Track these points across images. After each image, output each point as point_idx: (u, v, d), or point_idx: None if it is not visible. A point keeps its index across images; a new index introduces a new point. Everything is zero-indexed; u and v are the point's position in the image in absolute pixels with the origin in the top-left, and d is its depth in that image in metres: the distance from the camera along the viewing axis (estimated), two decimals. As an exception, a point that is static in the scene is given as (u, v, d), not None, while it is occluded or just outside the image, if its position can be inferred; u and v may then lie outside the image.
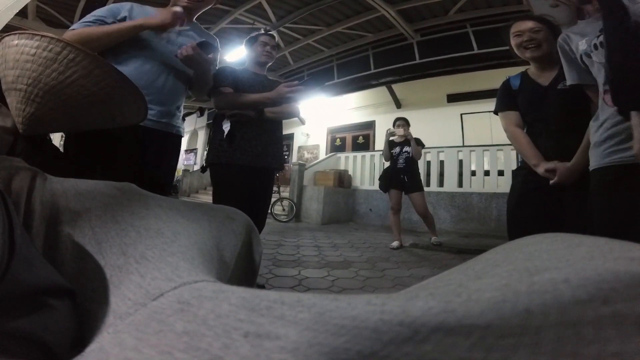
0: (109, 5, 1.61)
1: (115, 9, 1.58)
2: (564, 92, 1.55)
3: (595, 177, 1.28)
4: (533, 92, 1.68)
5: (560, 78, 1.55)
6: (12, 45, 0.91)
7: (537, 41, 1.63)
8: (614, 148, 1.21)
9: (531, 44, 1.64)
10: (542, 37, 1.62)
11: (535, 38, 1.63)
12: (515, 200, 1.72)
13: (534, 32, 1.64)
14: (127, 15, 1.56)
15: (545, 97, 1.63)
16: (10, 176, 0.57)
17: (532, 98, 1.68)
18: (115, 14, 1.55)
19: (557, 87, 1.60)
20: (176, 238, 0.55)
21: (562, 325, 0.24)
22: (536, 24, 1.65)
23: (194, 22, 1.79)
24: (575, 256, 0.35)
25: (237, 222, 0.85)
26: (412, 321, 0.25)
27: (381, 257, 3.69)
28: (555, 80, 1.62)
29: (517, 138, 1.70)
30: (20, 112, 0.91)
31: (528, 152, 1.62)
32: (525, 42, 1.65)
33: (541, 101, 1.64)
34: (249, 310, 0.32)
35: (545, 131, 1.63)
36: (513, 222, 1.72)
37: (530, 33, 1.64)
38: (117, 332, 0.37)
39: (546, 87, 1.64)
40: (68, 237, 0.52)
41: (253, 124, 2.02)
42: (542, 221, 1.59)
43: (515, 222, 1.71)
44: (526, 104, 1.70)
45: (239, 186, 1.97)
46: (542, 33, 1.63)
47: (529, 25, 1.66)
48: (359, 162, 8.11)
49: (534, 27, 1.64)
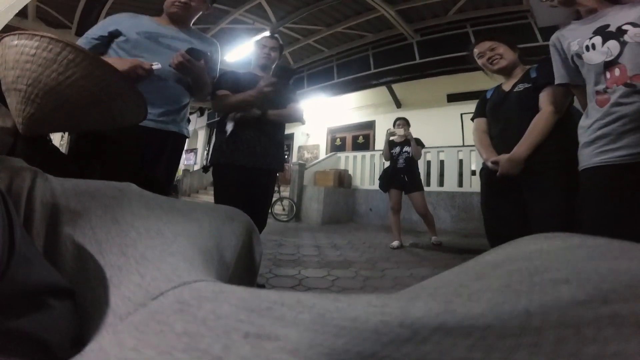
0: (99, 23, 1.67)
1: (106, 24, 1.64)
2: (518, 94, 1.72)
3: (584, 177, 1.31)
4: (496, 98, 1.85)
5: (518, 83, 1.75)
6: (12, 46, 0.91)
7: (497, 56, 1.81)
8: (603, 148, 1.22)
9: (493, 59, 1.82)
10: (502, 51, 1.81)
11: (495, 54, 1.82)
12: (483, 201, 1.90)
13: (492, 49, 1.83)
14: (119, 28, 1.60)
15: (505, 101, 1.79)
16: (11, 176, 0.57)
17: (494, 103, 1.85)
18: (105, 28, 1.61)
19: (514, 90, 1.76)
20: (176, 238, 0.55)
21: (562, 325, 0.24)
22: (492, 42, 1.84)
23: (191, 28, 1.82)
24: (574, 257, 0.35)
25: (238, 222, 0.85)
26: (412, 322, 0.25)
27: (381, 257, 3.69)
28: (514, 86, 1.77)
29: (478, 139, 1.90)
30: (20, 112, 0.91)
31: (483, 149, 1.82)
32: (489, 60, 1.83)
33: (500, 104, 1.81)
34: (249, 311, 0.32)
35: (500, 130, 1.78)
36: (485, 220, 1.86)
37: (489, 51, 1.83)
38: (117, 332, 0.37)
39: (507, 92, 1.79)
40: (68, 237, 0.52)
41: (255, 125, 2.03)
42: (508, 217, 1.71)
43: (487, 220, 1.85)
44: (489, 109, 1.88)
45: (240, 186, 1.98)
46: (500, 48, 1.82)
47: (487, 45, 1.84)
48: (359, 162, 8.10)
49: (491, 45, 1.84)
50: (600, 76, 1.23)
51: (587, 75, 1.30)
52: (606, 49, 1.21)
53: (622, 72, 1.17)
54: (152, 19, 1.72)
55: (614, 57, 1.19)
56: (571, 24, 1.39)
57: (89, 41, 1.59)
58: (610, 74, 1.20)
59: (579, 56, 1.30)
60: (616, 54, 1.19)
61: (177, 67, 1.54)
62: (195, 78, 1.68)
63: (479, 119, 1.95)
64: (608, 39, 1.21)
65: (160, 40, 1.64)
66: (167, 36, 1.67)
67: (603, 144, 1.22)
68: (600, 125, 1.23)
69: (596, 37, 1.24)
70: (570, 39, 1.34)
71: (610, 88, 1.20)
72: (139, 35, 1.59)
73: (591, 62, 1.25)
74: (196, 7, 1.77)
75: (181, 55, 1.52)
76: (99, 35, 1.60)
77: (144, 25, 1.65)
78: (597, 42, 1.23)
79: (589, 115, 1.30)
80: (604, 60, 1.21)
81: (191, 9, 1.75)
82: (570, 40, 1.34)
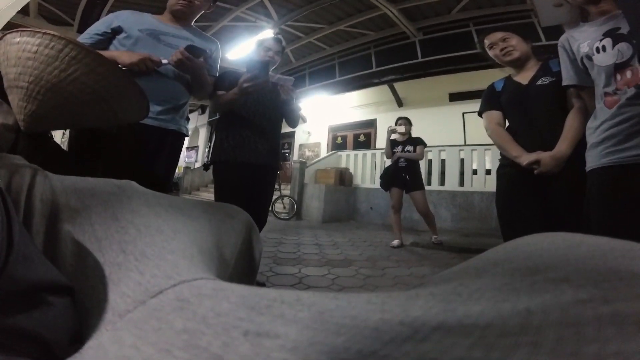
0: (102, 19, 1.67)
1: (109, 20, 1.65)
2: (543, 87, 1.65)
3: (592, 178, 1.30)
4: (514, 91, 1.76)
5: (539, 76, 1.67)
6: (14, 43, 0.91)
7: (510, 47, 1.75)
8: (612, 149, 1.22)
9: (506, 51, 1.75)
10: (515, 42, 1.75)
11: (508, 45, 1.75)
12: (503, 201, 1.79)
13: (504, 40, 1.77)
14: (121, 24, 1.61)
15: (526, 94, 1.70)
16: (11, 174, 0.57)
17: (514, 96, 1.76)
18: (108, 24, 1.62)
19: (536, 84, 1.68)
20: (176, 236, 0.55)
21: (562, 324, 0.23)
22: (505, 33, 1.78)
23: (192, 26, 1.82)
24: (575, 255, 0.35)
25: (238, 220, 0.85)
26: (413, 320, 0.25)
27: (382, 255, 3.70)
28: (534, 79, 1.70)
29: (498, 134, 1.78)
30: (22, 109, 0.91)
31: (509, 146, 1.70)
32: (501, 51, 1.77)
33: (522, 98, 1.72)
34: (248, 309, 0.32)
35: (526, 125, 1.70)
36: (504, 223, 1.77)
37: (502, 42, 1.77)
38: (116, 329, 0.37)
39: (526, 85, 1.72)
40: (68, 234, 0.52)
41: (254, 122, 2.03)
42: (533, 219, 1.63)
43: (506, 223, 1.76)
44: (508, 102, 1.79)
45: (241, 184, 1.98)
46: (513, 39, 1.76)
47: (499, 35, 1.79)
48: (360, 160, 8.10)
49: (504, 36, 1.77)
50: (610, 78, 1.23)
51: (596, 77, 1.30)
52: (617, 51, 1.21)
53: (634, 74, 1.17)
54: (154, 17, 1.73)
55: (625, 59, 1.19)
56: (580, 25, 1.39)
57: (91, 36, 1.59)
58: (621, 75, 1.20)
59: (589, 58, 1.30)
60: (628, 56, 1.19)
61: (176, 64, 1.54)
62: (195, 75, 1.68)
63: (492, 112, 1.84)
64: (619, 41, 1.21)
65: (160, 38, 1.64)
66: (168, 34, 1.68)
67: (612, 144, 1.22)
68: (609, 126, 1.23)
69: (606, 39, 1.24)
70: (580, 40, 1.34)
71: (621, 90, 1.20)
72: (140, 32, 1.60)
73: (601, 63, 1.25)
74: (200, 5, 1.78)
75: (180, 53, 1.52)
76: (102, 31, 1.60)
77: (146, 22, 1.66)
78: (608, 44, 1.23)
79: (597, 116, 1.30)
80: (615, 62, 1.21)
81: (194, 7, 1.76)
82: (580, 42, 1.34)
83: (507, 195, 1.77)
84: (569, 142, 1.50)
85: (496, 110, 1.83)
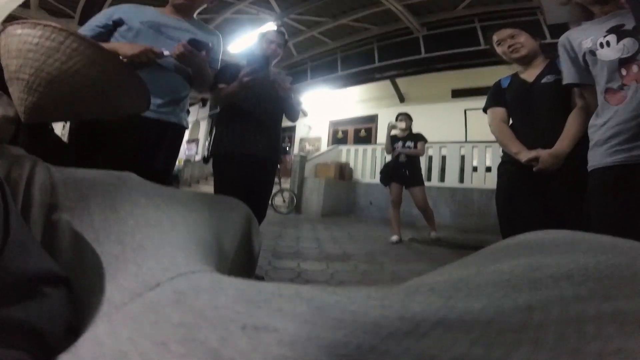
0: (103, 11, 1.67)
1: (110, 12, 1.64)
2: (547, 86, 1.64)
3: (595, 177, 1.29)
4: (519, 89, 1.76)
5: (545, 74, 1.67)
6: (15, 35, 0.90)
7: (518, 44, 1.74)
8: (617, 148, 1.21)
9: (514, 48, 1.75)
10: (522, 40, 1.74)
11: (516, 42, 1.75)
12: (503, 198, 1.80)
13: (512, 37, 1.76)
14: (122, 16, 1.59)
15: (531, 92, 1.70)
16: (10, 165, 0.57)
17: (518, 93, 1.76)
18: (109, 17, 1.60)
19: (541, 82, 1.68)
20: (175, 228, 0.55)
21: (563, 321, 0.23)
22: (513, 30, 1.78)
23: (194, 19, 1.81)
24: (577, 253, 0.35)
25: (237, 213, 0.85)
26: (413, 316, 0.25)
27: (380, 250, 3.70)
28: (539, 76, 1.70)
29: (500, 130, 1.78)
30: (23, 101, 0.90)
31: (509, 142, 1.70)
32: (509, 48, 1.76)
33: (526, 95, 1.72)
34: (246, 303, 0.32)
35: (529, 123, 1.70)
36: (504, 220, 1.78)
37: (510, 39, 1.76)
38: (112, 321, 0.37)
39: (532, 83, 1.72)
40: (66, 224, 0.52)
41: (254, 116, 2.03)
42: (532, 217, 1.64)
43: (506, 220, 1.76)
44: (512, 99, 1.79)
45: (240, 177, 1.98)
46: (521, 36, 1.75)
47: (507, 32, 1.79)
48: (360, 155, 8.10)
49: (512, 33, 1.77)
50: (614, 73, 1.22)
51: (598, 73, 1.28)
52: (622, 45, 1.20)
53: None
54: (155, 10, 1.72)
55: (630, 54, 1.18)
56: (582, 24, 1.38)
57: (92, 29, 1.58)
58: (627, 70, 1.19)
59: (592, 53, 1.29)
60: (634, 51, 1.17)
61: (178, 57, 1.53)
62: (196, 69, 1.67)
63: (496, 109, 1.83)
64: (624, 37, 1.20)
65: (162, 30, 1.63)
66: (170, 26, 1.67)
67: (616, 143, 1.20)
68: (614, 124, 1.21)
69: (610, 35, 1.23)
70: (582, 37, 1.33)
71: (628, 85, 1.19)
72: (141, 25, 1.59)
73: (606, 58, 1.24)
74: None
75: (182, 46, 1.51)
76: (104, 23, 1.59)
77: (147, 14, 1.65)
78: (612, 40, 1.23)
79: (600, 114, 1.29)
80: (620, 57, 1.20)
81: (197, 0, 1.75)
82: (581, 39, 1.33)
83: (507, 192, 1.77)
84: (568, 140, 1.50)
85: (501, 107, 1.82)
